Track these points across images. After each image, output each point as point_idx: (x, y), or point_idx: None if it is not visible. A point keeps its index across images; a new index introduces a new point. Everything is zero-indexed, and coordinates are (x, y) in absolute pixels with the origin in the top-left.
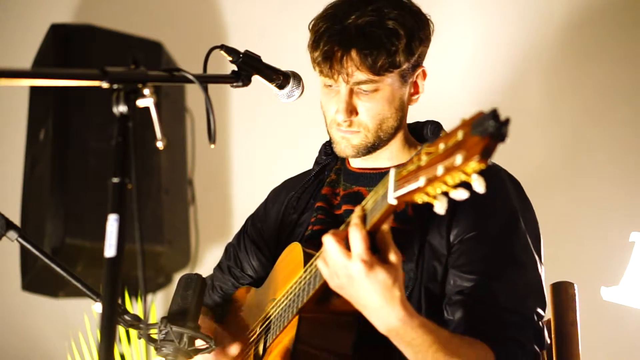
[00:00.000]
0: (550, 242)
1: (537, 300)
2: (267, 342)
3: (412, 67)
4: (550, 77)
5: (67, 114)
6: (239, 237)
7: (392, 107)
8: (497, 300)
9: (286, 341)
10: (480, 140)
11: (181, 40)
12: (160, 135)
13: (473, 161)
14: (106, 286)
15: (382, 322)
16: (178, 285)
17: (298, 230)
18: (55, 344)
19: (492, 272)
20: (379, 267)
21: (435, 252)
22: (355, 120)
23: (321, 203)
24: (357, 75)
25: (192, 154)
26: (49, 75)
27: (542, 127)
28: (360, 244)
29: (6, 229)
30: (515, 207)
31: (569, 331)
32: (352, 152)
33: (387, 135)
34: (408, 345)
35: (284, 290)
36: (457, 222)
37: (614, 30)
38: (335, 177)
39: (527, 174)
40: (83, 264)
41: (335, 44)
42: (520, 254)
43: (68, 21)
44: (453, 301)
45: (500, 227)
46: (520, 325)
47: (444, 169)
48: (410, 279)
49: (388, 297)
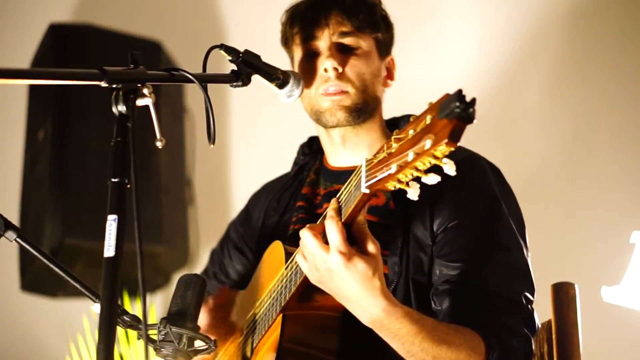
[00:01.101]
0: (550, 242)
1: (524, 283)
2: (254, 342)
3: (386, 44)
4: (551, 77)
5: (66, 114)
6: (222, 244)
7: (371, 72)
8: (484, 284)
9: (272, 340)
10: (448, 122)
11: (180, 39)
12: (159, 135)
13: (442, 144)
14: (105, 286)
15: (365, 314)
16: (177, 285)
17: (280, 230)
18: (54, 344)
19: (478, 257)
20: (358, 258)
21: (420, 243)
22: (343, 75)
23: (302, 202)
24: (341, 28)
25: (192, 154)
26: (48, 74)
27: (542, 127)
28: (337, 235)
29: (5, 229)
30: (496, 193)
31: (570, 331)
32: (343, 114)
33: (371, 101)
34: (394, 337)
35: (267, 289)
36: (440, 211)
37: (614, 30)
38: (314, 177)
39: (527, 174)
40: (82, 264)
41: (316, 7)
42: (505, 238)
43: (67, 20)
44: (440, 291)
45: (482, 214)
46: (508, 309)
47: (414, 154)
48: (395, 273)
49: (369, 287)
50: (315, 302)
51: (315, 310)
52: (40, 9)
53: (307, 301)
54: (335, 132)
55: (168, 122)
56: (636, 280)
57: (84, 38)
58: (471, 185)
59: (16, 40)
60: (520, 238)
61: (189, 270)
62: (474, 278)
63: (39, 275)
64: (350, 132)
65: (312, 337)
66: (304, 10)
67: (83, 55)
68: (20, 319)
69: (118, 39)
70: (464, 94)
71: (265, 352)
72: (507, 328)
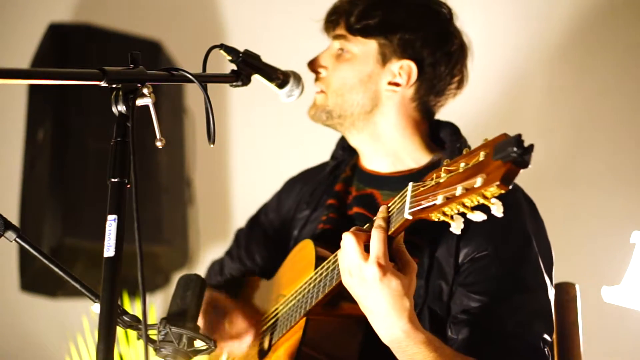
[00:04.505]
0: (551, 242)
1: (544, 326)
2: (273, 339)
3: (393, 51)
4: (551, 77)
5: (65, 113)
6: (250, 227)
7: (355, 78)
8: (503, 325)
9: (292, 342)
10: (502, 165)
11: (180, 39)
12: (159, 135)
13: (493, 186)
14: (105, 286)
15: (385, 331)
16: (177, 285)
17: (309, 226)
18: (53, 344)
19: (501, 295)
20: (393, 275)
21: (442, 270)
22: (325, 78)
23: (333, 201)
24: (337, 30)
25: (192, 154)
26: (47, 74)
27: (542, 127)
28: (380, 246)
29: (4, 229)
30: (529, 231)
31: (571, 331)
32: (311, 111)
33: (348, 106)
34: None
35: (293, 288)
36: (469, 241)
37: (615, 30)
38: (350, 173)
39: (527, 174)
40: (82, 264)
41: (334, 7)
42: (531, 279)
43: (67, 20)
44: (458, 320)
45: (512, 250)
46: (525, 352)
47: (462, 189)
48: (419, 297)
49: (397, 306)
50: (340, 310)
51: (339, 319)
52: (40, 9)
53: (332, 308)
54: (345, 135)
55: (168, 122)
56: (636, 280)
57: (84, 38)
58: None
59: (16, 40)
60: (547, 277)
61: (189, 270)
62: (494, 316)
63: (39, 275)
64: (355, 136)
65: (332, 345)
66: (328, 12)
67: (83, 55)
68: (20, 319)
69: (118, 39)
70: (523, 139)
71: (283, 351)
72: None
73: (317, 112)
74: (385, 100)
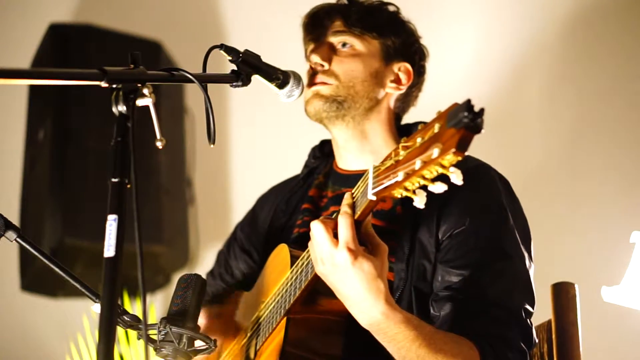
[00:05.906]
0: (550, 242)
1: (524, 295)
2: (258, 344)
3: (396, 50)
4: (551, 78)
5: (66, 114)
6: (228, 244)
7: (366, 71)
8: (484, 293)
9: (275, 343)
10: (456, 132)
11: (180, 39)
12: (159, 135)
13: (449, 154)
14: (105, 286)
15: (364, 315)
16: (177, 285)
17: (286, 233)
18: (54, 344)
19: (480, 265)
20: (364, 258)
21: (424, 251)
22: (329, 70)
23: (308, 205)
24: (336, 28)
25: (192, 154)
26: (48, 74)
27: (542, 127)
28: (347, 231)
29: (5, 229)
30: (504, 204)
31: (570, 331)
32: (319, 103)
33: (359, 98)
34: (391, 341)
35: (273, 292)
36: (446, 218)
37: (615, 31)
38: (323, 179)
39: (527, 174)
40: (82, 264)
41: (321, 9)
42: (509, 248)
43: (67, 21)
44: (440, 297)
45: (489, 223)
46: (507, 321)
47: (421, 162)
48: (401, 280)
49: (372, 288)
50: (320, 306)
51: (320, 314)
52: (41, 9)
53: (311, 305)
54: (335, 132)
55: (168, 122)
56: (636, 280)
57: (84, 38)
58: (479, 194)
59: (16, 40)
60: (525, 249)
61: (189, 270)
62: (474, 287)
63: (39, 275)
64: (346, 133)
65: (315, 342)
66: (315, 9)
67: (83, 55)
68: (20, 319)
69: (118, 39)
70: (473, 104)
71: (268, 354)
72: (504, 341)
73: (325, 103)
74: (382, 99)
